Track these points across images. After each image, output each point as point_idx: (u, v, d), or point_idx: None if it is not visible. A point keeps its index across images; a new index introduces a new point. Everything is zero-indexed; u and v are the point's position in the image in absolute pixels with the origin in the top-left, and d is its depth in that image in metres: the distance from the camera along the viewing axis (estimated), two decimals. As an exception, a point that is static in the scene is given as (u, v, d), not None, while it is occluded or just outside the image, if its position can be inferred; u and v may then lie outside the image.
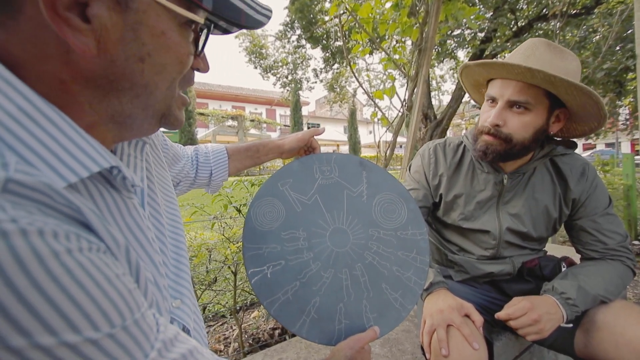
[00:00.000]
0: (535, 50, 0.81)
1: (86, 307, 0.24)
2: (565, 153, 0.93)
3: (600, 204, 0.91)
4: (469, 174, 0.98)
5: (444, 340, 0.76)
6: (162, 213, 0.50)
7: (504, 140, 0.84)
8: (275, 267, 0.75)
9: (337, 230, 0.81)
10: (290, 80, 12.65)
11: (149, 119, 0.37)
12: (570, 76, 0.78)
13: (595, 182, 0.91)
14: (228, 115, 15.71)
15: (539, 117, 0.83)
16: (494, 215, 0.96)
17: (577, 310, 0.81)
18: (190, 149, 0.82)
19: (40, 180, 0.25)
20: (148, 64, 0.33)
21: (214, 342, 1.72)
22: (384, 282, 0.80)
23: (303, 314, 0.74)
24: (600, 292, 0.83)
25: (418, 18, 2.00)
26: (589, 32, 5.16)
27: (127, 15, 0.31)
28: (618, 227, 0.91)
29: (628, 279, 0.88)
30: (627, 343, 0.74)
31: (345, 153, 0.92)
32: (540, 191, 0.92)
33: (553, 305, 0.81)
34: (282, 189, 0.80)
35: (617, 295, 0.85)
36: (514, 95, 0.81)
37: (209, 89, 24.39)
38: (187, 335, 0.35)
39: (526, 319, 0.79)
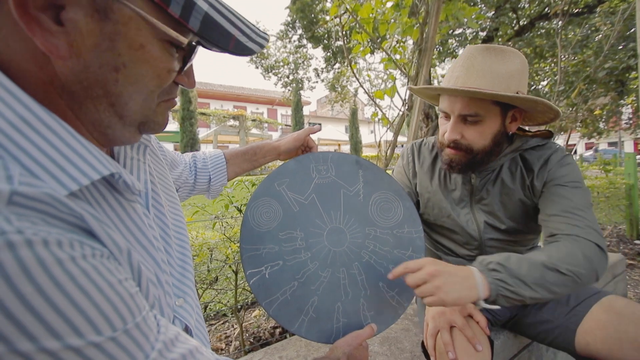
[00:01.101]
0: (474, 61, 0.81)
1: (89, 312, 0.25)
2: (538, 145, 0.90)
3: (562, 186, 0.83)
4: (442, 174, 1.00)
5: (449, 343, 0.77)
6: (166, 214, 0.52)
7: (465, 152, 0.86)
8: (274, 268, 0.76)
9: (334, 229, 0.82)
10: (291, 80, 12.66)
11: (128, 128, 0.37)
12: (514, 78, 0.80)
13: (561, 165, 0.85)
14: (229, 115, 15.73)
15: (493, 123, 0.84)
16: (470, 215, 0.96)
17: (501, 280, 0.67)
18: (187, 156, 0.83)
19: (43, 192, 0.26)
20: (123, 75, 0.33)
21: (215, 340, 1.73)
22: (381, 281, 0.80)
23: (302, 313, 0.75)
24: (543, 259, 0.70)
25: (419, 18, 2.00)
26: (591, 30, 5.14)
27: (105, 24, 0.31)
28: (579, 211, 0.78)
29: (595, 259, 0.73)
30: (631, 341, 0.74)
31: (342, 152, 0.93)
32: (510, 186, 0.91)
33: (464, 270, 0.69)
34: (279, 189, 0.81)
35: (579, 267, 0.70)
36: (463, 110, 0.82)
37: (210, 89, 24.43)
38: (187, 336, 0.36)
39: (422, 273, 0.68)
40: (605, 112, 6.99)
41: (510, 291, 0.67)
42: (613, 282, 1.70)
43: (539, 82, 7.87)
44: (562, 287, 0.70)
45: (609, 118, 8.10)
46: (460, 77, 0.82)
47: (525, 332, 0.99)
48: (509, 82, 0.80)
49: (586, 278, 0.71)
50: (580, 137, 9.03)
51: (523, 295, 0.67)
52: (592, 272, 0.72)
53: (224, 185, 0.86)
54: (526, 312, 0.98)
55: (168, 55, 0.36)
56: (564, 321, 0.88)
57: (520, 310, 1.00)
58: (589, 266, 0.71)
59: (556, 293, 0.70)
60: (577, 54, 4.62)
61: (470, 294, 0.66)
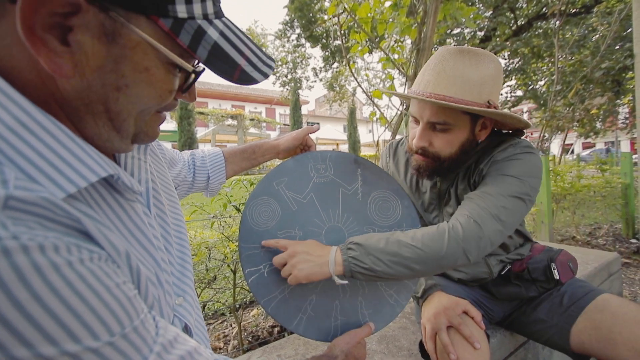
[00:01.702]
0: (445, 65, 0.77)
1: (86, 317, 0.25)
2: (502, 141, 0.85)
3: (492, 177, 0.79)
4: (413, 177, 0.99)
5: (448, 344, 0.77)
6: (167, 212, 0.52)
7: (432, 159, 0.84)
8: (272, 266, 0.76)
9: (333, 228, 0.82)
10: (289, 79, 12.65)
11: (124, 140, 0.38)
12: (486, 85, 0.76)
13: (506, 160, 0.79)
14: (228, 115, 15.70)
15: (462, 132, 0.81)
16: (439, 218, 0.96)
17: (354, 257, 0.68)
18: (186, 154, 0.83)
19: (39, 196, 0.26)
20: (124, 94, 0.33)
21: (214, 339, 1.73)
22: None
23: (300, 311, 0.76)
24: (403, 236, 0.69)
25: (416, 18, 2.01)
26: (589, 31, 5.16)
27: (112, 47, 0.31)
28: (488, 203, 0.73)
29: (468, 239, 0.69)
30: (625, 342, 0.75)
31: (340, 151, 0.93)
32: (460, 186, 0.90)
33: (321, 249, 0.71)
34: (277, 188, 0.81)
35: (440, 243, 0.68)
36: (432, 117, 0.79)
37: (208, 88, 24.36)
38: (187, 336, 0.36)
39: (284, 254, 0.71)
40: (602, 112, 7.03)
41: (364, 268, 0.68)
42: (609, 280, 1.72)
43: (537, 82, 7.91)
44: (422, 265, 0.68)
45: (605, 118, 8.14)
46: (430, 81, 0.78)
47: (521, 331, 1.00)
48: (481, 89, 0.76)
49: (451, 257, 0.68)
50: (577, 136, 9.08)
51: (377, 271, 0.68)
52: (459, 251, 0.68)
53: (222, 184, 0.86)
54: (522, 311, 0.99)
55: (172, 77, 0.36)
56: (558, 321, 0.89)
57: (516, 309, 1.01)
58: (455, 245, 0.68)
59: (416, 270, 0.68)
60: (574, 54, 4.65)
61: (321, 271, 0.68)
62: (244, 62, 0.37)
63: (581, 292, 0.90)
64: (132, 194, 0.39)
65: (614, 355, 0.76)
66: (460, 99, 0.75)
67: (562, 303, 0.90)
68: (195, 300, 0.53)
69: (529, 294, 0.95)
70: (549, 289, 0.96)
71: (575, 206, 3.48)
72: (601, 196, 3.41)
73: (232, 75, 0.37)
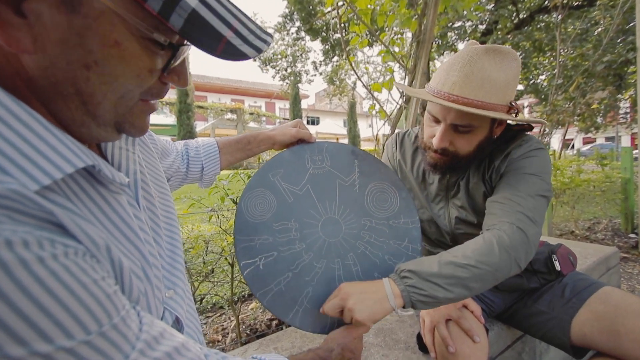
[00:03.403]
0: (474, 67, 0.74)
1: (59, 315, 0.24)
2: (512, 136, 0.87)
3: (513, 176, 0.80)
4: (421, 167, 0.99)
5: (447, 336, 0.77)
6: (157, 204, 0.51)
7: (450, 158, 0.84)
8: (268, 259, 0.76)
9: (329, 220, 0.81)
10: (289, 73, 12.56)
11: (104, 127, 0.35)
12: (510, 87, 0.76)
13: (523, 157, 0.81)
14: (227, 109, 15.63)
15: (483, 131, 0.81)
16: (444, 210, 0.97)
17: (412, 285, 0.66)
18: (180, 144, 0.81)
19: (7, 188, 0.24)
20: (95, 73, 0.31)
21: (212, 332, 1.74)
22: (376, 271, 0.80)
23: (296, 304, 0.75)
24: (452, 257, 0.68)
25: (417, 10, 1.98)
26: (591, 24, 5.11)
27: (73, 17, 0.28)
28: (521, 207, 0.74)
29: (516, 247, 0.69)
30: (628, 332, 0.74)
31: (337, 142, 0.91)
32: (473, 180, 0.90)
33: (374, 285, 0.69)
34: (273, 179, 0.80)
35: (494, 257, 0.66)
36: (457, 120, 0.78)
37: (208, 82, 24.21)
38: (174, 332, 0.35)
39: (336, 300, 0.69)
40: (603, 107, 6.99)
41: (424, 295, 0.65)
42: (607, 274, 1.72)
43: (538, 76, 7.86)
44: (479, 282, 0.66)
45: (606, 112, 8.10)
46: (457, 83, 0.75)
47: (520, 325, 1.00)
48: (506, 91, 0.76)
49: (505, 269, 0.67)
50: (577, 131, 9.05)
51: (437, 296, 0.65)
52: (511, 261, 0.68)
53: (216, 174, 0.85)
54: (522, 303, 0.99)
55: (150, 54, 0.33)
56: (559, 313, 0.89)
57: (517, 301, 1.01)
58: (506, 256, 0.67)
59: (475, 289, 0.66)
60: (576, 47, 4.60)
61: (383, 307, 0.65)
62: (230, 33, 0.32)
63: (583, 285, 0.91)
64: (117, 185, 0.37)
65: (617, 346, 0.75)
66: (486, 102, 0.74)
67: (564, 295, 0.91)
68: (186, 293, 0.52)
69: (531, 285, 0.96)
70: (550, 280, 0.97)
71: (575, 201, 3.48)
72: (601, 191, 3.41)
73: (215, 48, 0.32)
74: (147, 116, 0.39)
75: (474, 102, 0.73)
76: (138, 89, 0.34)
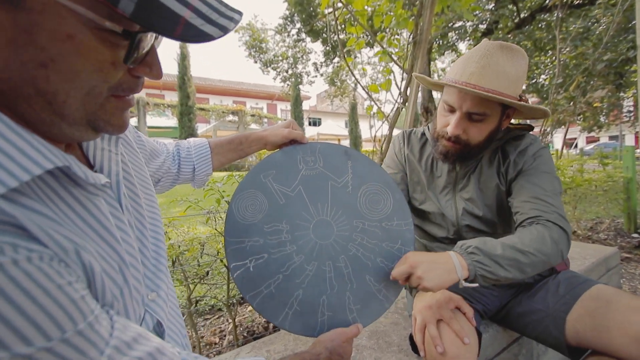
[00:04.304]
0: (490, 60, 0.81)
1: (16, 322, 0.24)
2: (518, 136, 0.95)
3: (535, 176, 0.88)
4: (428, 161, 1.04)
5: (436, 336, 0.77)
6: (143, 206, 0.51)
7: (462, 146, 0.89)
8: (258, 261, 0.75)
9: (321, 222, 0.81)
10: (290, 75, 12.58)
11: (76, 126, 0.34)
12: (520, 81, 0.84)
13: (536, 156, 0.90)
14: (228, 111, 15.67)
15: (494, 121, 0.88)
16: (451, 201, 1.00)
17: (479, 261, 0.72)
18: (171, 145, 0.81)
19: None
20: (53, 71, 0.29)
21: (210, 335, 1.74)
22: (368, 274, 0.80)
23: (286, 306, 0.75)
24: (515, 242, 0.75)
25: (413, 10, 1.97)
26: (592, 22, 5.07)
27: (18, 14, 0.27)
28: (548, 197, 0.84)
29: (561, 241, 0.78)
30: (619, 328, 0.74)
31: (330, 143, 0.91)
32: (487, 173, 0.95)
33: (443, 257, 0.74)
34: (264, 180, 0.80)
35: (547, 248, 0.75)
36: (473, 108, 0.84)
37: (209, 84, 24.29)
38: (150, 336, 0.34)
39: (405, 266, 0.73)
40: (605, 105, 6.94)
41: (488, 271, 0.72)
42: (607, 275, 1.70)
43: (539, 75, 7.81)
44: (532, 267, 0.75)
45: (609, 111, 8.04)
46: (474, 73, 0.82)
47: (515, 325, 0.99)
48: (517, 84, 0.83)
49: (554, 258, 0.77)
50: (580, 130, 8.99)
51: (498, 274, 0.73)
52: (558, 252, 0.77)
53: (209, 175, 0.85)
54: (517, 301, 0.98)
55: (109, 45, 0.31)
56: (554, 309, 0.89)
57: (512, 299, 1.00)
58: (555, 247, 0.77)
59: (527, 273, 0.75)
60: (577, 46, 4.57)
61: (450, 277, 0.71)
62: (188, 13, 0.30)
63: (577, 281, 0.91)
64: (94, 186, 0.37)
65: (608, 342, 0.75)
66: (500, 92, 0.80)
67: (558, 291, 0.91)
68: (170, 296, 0.52)
69: (525, 280, 0.96)
70: (544, 276, 0.98)
71: (577, 201, 3.45)
72: (603, 190, 3.38)
73: (173, 31, 0.30)
74: (123, 113, 0.37)
75: (491, 90, 0.80)
76: (104, 84, 0.33)
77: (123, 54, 0.32)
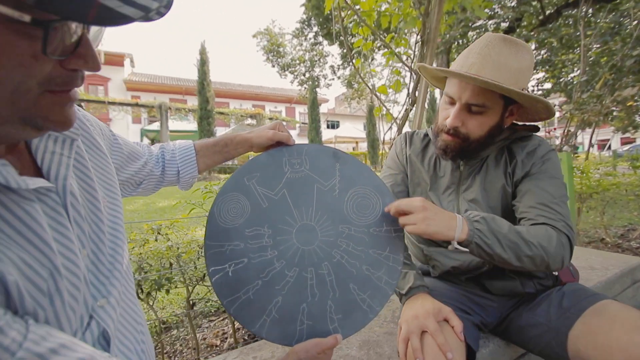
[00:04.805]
0: (492, 50, 0.81)
1: None
2: (525, 136, 0.92)
3: (543, 180, 0.86)
4: (431, 161, 1.01)
5: (418, 349, 0.73)
6: (103, 210, 0.50)
7: (462, 140, 0.87)
8: (238, 266, 0.74)
9: (305, 227, 0.78)
10: (307, 78, 12.66)
11: (10, 125, 0.32)
12: (523, 75, 0.82)
13: (545, 159, 0.87)
14: (247, 114, 15.95)
15: (495, 116, 0.85)
16: (454, 202, 0.95)
17: (480, 230, 0.73)
18: (156, 147, 0.81)
19: None
20: None
21: (212, 337, 1.75)
22: (352, 282, 0.76)
23: (264, 313, 0.73)
24: (522, 230, 0.75)
25: (420, 9, 1.92)
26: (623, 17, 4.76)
27: None
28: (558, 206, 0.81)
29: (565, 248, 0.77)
30: (622, 349, 0.68)
31: (319, 144, 0.88)
32: (493, 173, 0.92)
33: (449, 214, 0.75)
34: (248, 183, 0.78)
35: (551, 247, 0.74)
36: (472, 99, 0.82)
37: (230, 89, 24.86)
38: (79, 346, 0.33)
39: (417, 202, 0.73)
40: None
41: (485, 243, 0.72)
42: (632, 288, 1.57)
43: (567, 74, 7.43)
44: (530, 260, 0.74)
45: (645, 111, 7.51)
46: (475, 64, 0.81)
47: (517, 339, 0.92)
48: (519, 77, 0.81)
49: (553, 260, 0.75)
50: (613, 131, 8.45)
51: (494, 250, 0.73)
52: (560, 256, 0.76)
53: (194, 177, 0.84)
54: (517, 313, 0.92)
55: (25, 38, 0.30)
56: (556, 324, 0.82)
57: (513, 310, 0.94)
58: (559, 251, 0.75)
59: (524, 262, 0.74)
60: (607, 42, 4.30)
61: (448, 233, 0.72)
62: None
63: (582, 295, 0.84)
64: (27, 192, 0.36)
65: None
66: (500, 83, 0.78)
67: (562, 304, 0.85)
68: (125, 302, 0.51)
69: (526, 289, 0.91)
70: (548, 287, 0.92)
71: (605, 206, 3.22)
72: (634, 195, 3.14)
73: (86, 15, 0.27)
74: (63, 108, 0.36)
75: (490, 80, 0.78)
76: (31, 79, 0.31)
77: (42, 47, 0.30)
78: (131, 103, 14.35)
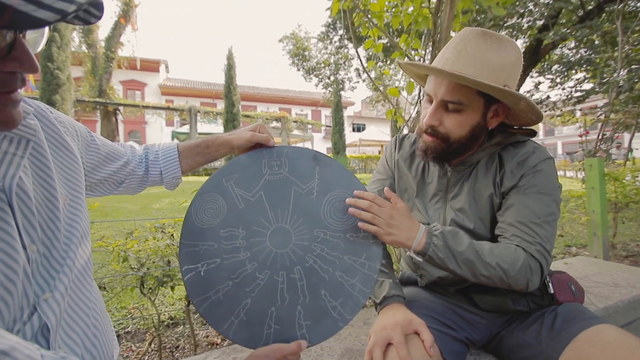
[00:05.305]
0: (467, 44, 0.77)
1: None
2: (518, 142, 0.86)
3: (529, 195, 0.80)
4: (419, 167, 0.97)
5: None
6: (61, 208, 0.52)
7: (441, 140, 0.82)
8: (210, 266, 0.74)
9: (279, 229, 0.77)
10: (332, 81, 12.69)
11: None
12: (505, 71, 0.76)
13: (536, 170, 0.81)
14: (272, 117, 16.25)
15: (474, 115, 0.80)
16: (441, 210, 0.91)
17: (436, 245, 0.74)
18: (140, 148, 0.84)
19: None
20: None
21: (214, 335, 1.78)
22: (324, 288, 0.75)
23: (232, 315, 0.73)
24: (483, 250, 0.74)
25: (430, 8, 1.86)
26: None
27: None
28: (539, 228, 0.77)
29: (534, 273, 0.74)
30: None
31: (301, 147, 0.87)
32: (482, 181, 0.86)
33: (414, 225, 0.76)
34: (226, 184, 0.79)
35: (513, 269, 0.72)
36: (447, 95, 0.78)
37: (257, 92, 25.47)
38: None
39: (387, 207, 0.74)
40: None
41: (438, 257, 0.74)
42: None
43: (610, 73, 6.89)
44: (487, 279, 0.74)
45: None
46: (450, 59, 0.77)
47: (508, 359, 0.85)
48: (499, 73, 0.75)
49: (514, 281, 0.74)
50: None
51: (447, 266, 0.74)
52: (523, 279, 0.74)
53: (178, 178, 0.86)
54: (508, 331, 0.85)
55: None
56: (546, 347, 0.75)
57: (504, 328, 0.87)
58: (523, 273, 0.74)
59: (481, 280, 0.75)
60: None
61: (406, 243, 0.74)
62: (17, 1, 0.28)
63: (578, 318, 0.76)
64: None
65: None
66: (476, 79, 0.74)
67: (554, 326, 0.77)
68: (77, 296, 0.52)
69: (516, 307, 0.84)
70: (542, 306, 0.85)
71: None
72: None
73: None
74: (5, 109, 0.37)
75: (459, 73, 0.73)
76: None
77: None
78: (163, 107, 15.13)
